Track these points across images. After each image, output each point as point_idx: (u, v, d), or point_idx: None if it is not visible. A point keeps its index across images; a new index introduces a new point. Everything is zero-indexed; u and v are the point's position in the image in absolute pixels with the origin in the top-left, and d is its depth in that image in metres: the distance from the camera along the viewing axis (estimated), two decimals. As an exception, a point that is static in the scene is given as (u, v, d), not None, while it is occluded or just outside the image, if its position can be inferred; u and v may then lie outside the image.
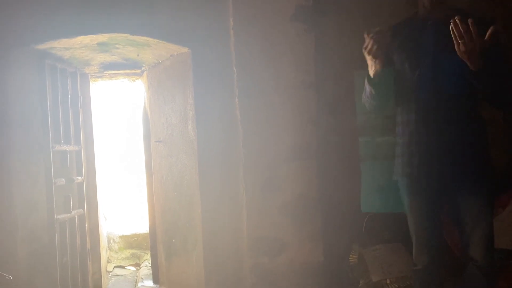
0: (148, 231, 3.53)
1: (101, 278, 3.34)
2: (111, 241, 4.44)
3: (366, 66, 1.89)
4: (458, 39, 1.66)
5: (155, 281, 3.39)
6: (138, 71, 3.35)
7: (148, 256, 3.98)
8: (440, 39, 1.83)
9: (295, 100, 2.58)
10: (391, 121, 2.10)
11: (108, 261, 4.10)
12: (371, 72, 1.86)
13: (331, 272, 2.62)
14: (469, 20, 1.64)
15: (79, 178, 3.13)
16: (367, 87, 1.93)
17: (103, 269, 3.44)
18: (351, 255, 2.62)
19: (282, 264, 2.57)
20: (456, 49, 1.68)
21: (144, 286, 3.43)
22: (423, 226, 1.95)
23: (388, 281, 2.42)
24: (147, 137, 3.40)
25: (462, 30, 1.64)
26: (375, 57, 1.81)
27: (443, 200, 1.94)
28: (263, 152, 2.57)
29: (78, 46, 2.78)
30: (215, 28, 2.67)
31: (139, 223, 4.70)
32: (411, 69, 1.89)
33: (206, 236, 2.74)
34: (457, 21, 1.65)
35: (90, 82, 3.31)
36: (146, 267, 3.90)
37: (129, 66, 3.28)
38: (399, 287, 2.41)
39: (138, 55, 3.06)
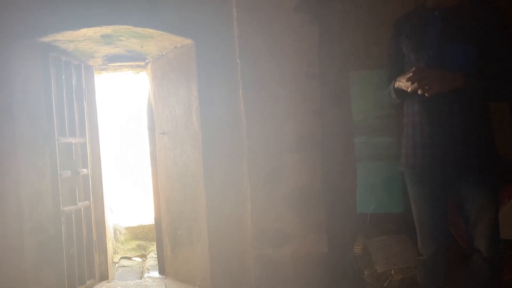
0: (153, 223, 3.56)
1: (108, 269, 3.37)
2: (117, 232, 4.47)
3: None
4: (421, 87, 1.74)
5: (161, 271, 3.42)
6: (142, 63, 3.35)
7: (154, 247, 4.02)
8: (446, 29, 1.82)
9: (299, 91, 2.57)
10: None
11: (115, 252, 4.14)
12: (406, 89, 1.84)
13: (335, 263, 2.62)
14: (412, 70, 1.77)
15: (85, 170, 3.14)
16: (393, 94, 1.95)
17: (109, 260, 3.47)
18: (355, 246, 2.62)
19: (286, 255, 2.58)
20: (428, 94, 1.75)
21: (150, 276, 3.46)
22: (428, 217, 1.95)
23: (392, 272, 2.42)
24: (151, 129, 3.41)
25: (418, 79, 1.74)
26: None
27: (448, 191, 1.93)
28: (267, 143, 2.57)
29: (82, 38, 2.78)
30: (219, 19, 2.66)
31: (144, 214, 4.73)
32: (417, 59, 1.87)
33: (210, 227, 2.76)
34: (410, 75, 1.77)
35: (95, 74, 3.31)
36: (152, 258, 3.93)
37: (133, 58, 3.27)
38: (403, 277, 2.41)
39: (142, 47, 3.05)
